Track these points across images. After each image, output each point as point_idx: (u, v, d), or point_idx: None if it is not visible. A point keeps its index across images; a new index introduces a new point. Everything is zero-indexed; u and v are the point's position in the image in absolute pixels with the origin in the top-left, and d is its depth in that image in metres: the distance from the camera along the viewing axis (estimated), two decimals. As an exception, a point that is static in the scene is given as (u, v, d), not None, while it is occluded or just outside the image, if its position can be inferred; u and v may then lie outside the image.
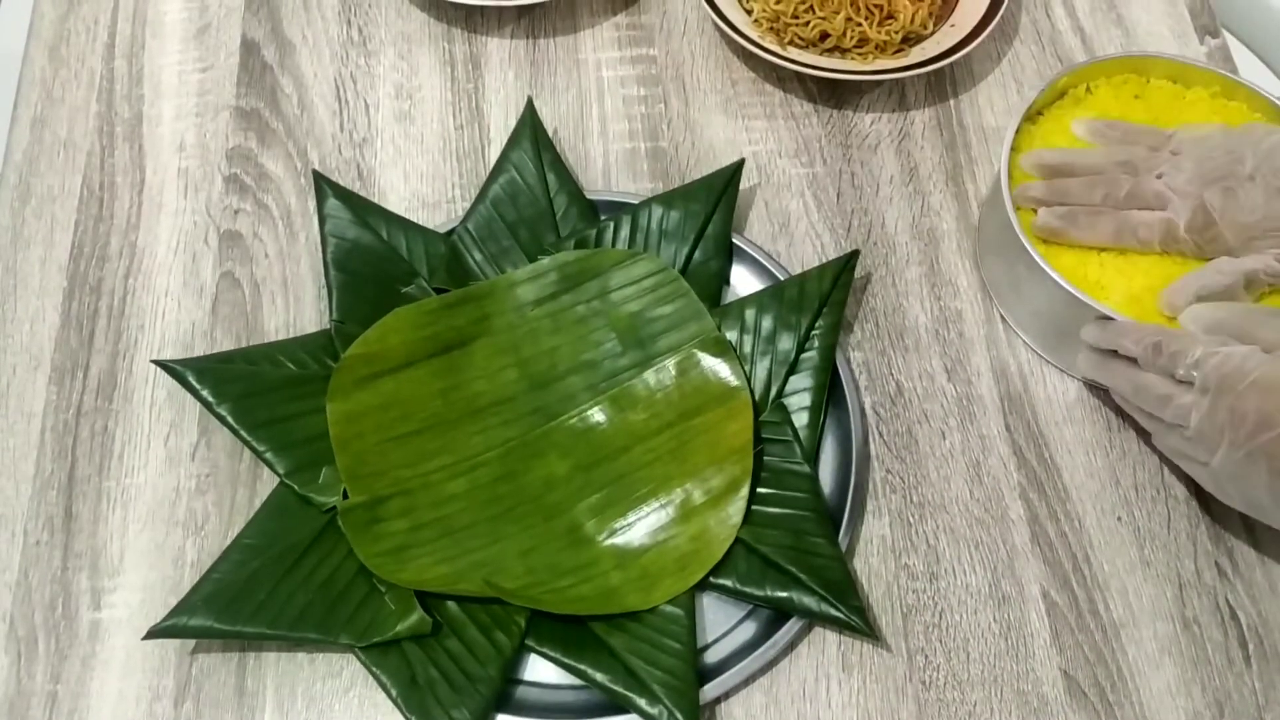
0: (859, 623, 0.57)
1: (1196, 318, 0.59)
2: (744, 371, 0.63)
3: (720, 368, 0.63)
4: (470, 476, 0.61)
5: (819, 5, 0.74)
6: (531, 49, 0.79)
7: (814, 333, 0.64)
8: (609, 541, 0.60)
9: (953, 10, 0.77)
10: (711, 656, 0.58)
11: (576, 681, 0.57)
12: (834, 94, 0.77)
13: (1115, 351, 0.61)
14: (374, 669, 0.56)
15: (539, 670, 0.58)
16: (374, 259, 0.67)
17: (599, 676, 0.56)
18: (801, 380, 0.64)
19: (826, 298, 0.65)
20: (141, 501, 0.63)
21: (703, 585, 0.59)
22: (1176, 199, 0.62)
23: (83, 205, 0.72)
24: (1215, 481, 0.58)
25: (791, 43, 0.76)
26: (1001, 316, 0.69)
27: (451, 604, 0.58)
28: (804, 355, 0.64)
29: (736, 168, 0.69)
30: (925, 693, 0.59)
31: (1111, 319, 0.60)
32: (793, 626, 0.58)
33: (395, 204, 0.72)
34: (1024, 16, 0.80)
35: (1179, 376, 0.57)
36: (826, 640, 0.60)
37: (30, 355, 0.67)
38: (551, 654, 0.57)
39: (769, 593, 0.58)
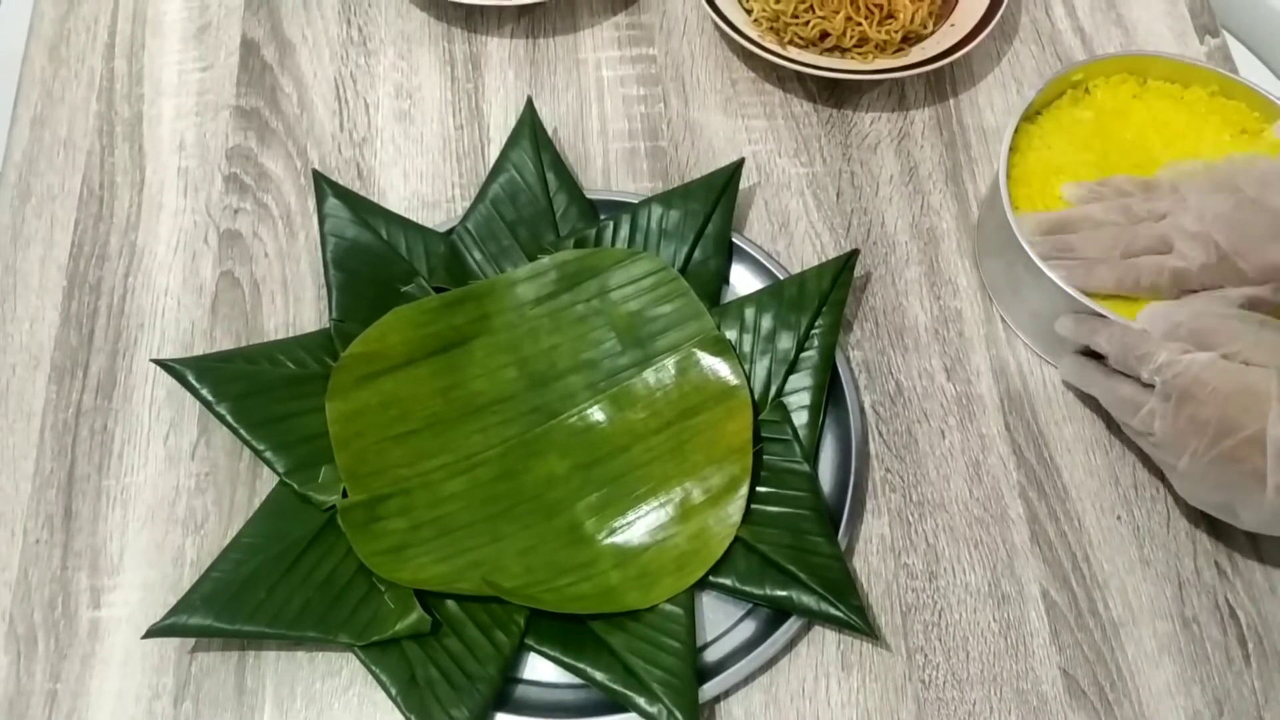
0: (858, 622, 0.57)
1: (1155, 318, 0.59)
2: (743, 370, 0.63)
3: (720, 367, 0.63)
4: (469, 475, 0.61)
5: (819, 5, 0.74)
6: (531, 49, 0.79)
7: (813, 332, 0.64)
8: (608, 540, 0.60)
9: (952, 10, 0.77)
10: (711, 655, 0.58)
11: (576, 680, 0.57)
12: (834, 93, 0.77)
13: (1091, 356, 0.62)
14: (373, 668, 0.56)
15: (538, 669, 0.58)
16: (373, 258, 0.67)
17: (598, 675, 0.56)
18: (801, 379, 0.64)
19: (826, 297, 0.65)
20: (141, 500, 0.63)
21: (702, 584, 0.59)
22: (1182, 241, 0.61)
23: (82, 204, 0.72)
24: (1184, 485, 0.58)
25: (791, 42, 0.76)
26: (1001, 316, 0.69)
27: (451, 603, 0.58)
28: (803, 354, 0.64)
29: (736, 167, 0.69)
30: (925, 691, 0.59)
31: (1105, 318, 0.60)
32: (792, 625, 0.58)
33: (395, 203, 0.72)
34: (1024, 16, 0.80)
35: (1144, 379, 0.58)
36: (826, 639, 0.60)
37: (30, 354, 0.67)
38: (551, 653, 0.57)
39: (768, 591, 0.58)
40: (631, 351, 0.65)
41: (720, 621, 0.60)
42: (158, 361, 0.64)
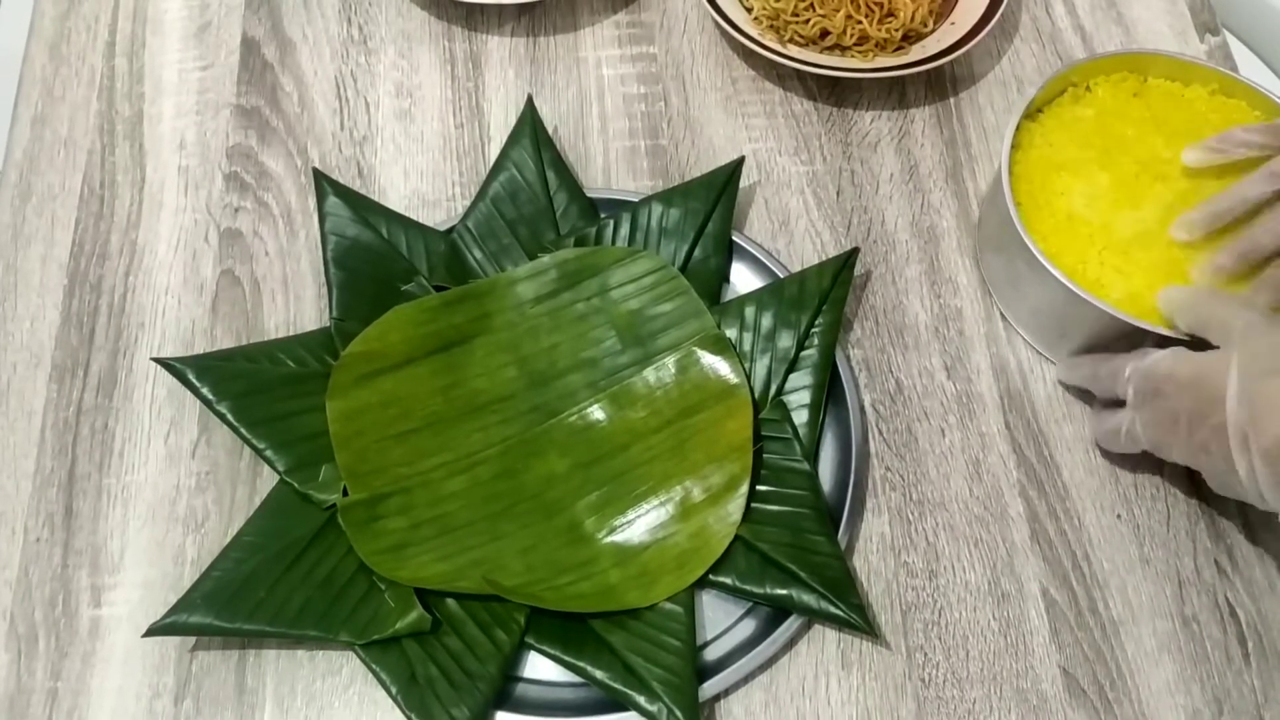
0: (858, 620, 0.57)
1: (1169, 300, 0.59)
2: (744, 369, 0.63)
3: (720, 365, 0.63)
4: (470, 474, 0.61)
5: (819, 3, 0.74)
6: (531, 47, 0.79)
7: (814, 330, 0.64)
8: (608, 539, 0.60)
9: (953, 8, 0.77)
10: (711, 654, 0.58)
11: (576, 679, 0.57)
12: (834, 92, 0.77)
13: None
14: (374, 666, 0.56)
15: (539, 668, 0.58)
16: (374, 257, 0.67)
17: (598, 674, 0.56)
18: (801, 378, 0.64)
19: (826, 295, 0.65)
20: (142, 499, 0.63)
21: (702, 583, 0.59)
22: None
23: (83, 203, 0.72)
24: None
25: (791, 40, 0.76)
26: (1001, 314, 0.69)
27: (451, 601, 0.58)
28: (804, 353, 0.64)
29: (736, 165, 0.69)
30: (925, 690, 0.59)
31: (1112, 316, 0.60)
32: (792, 624, 0.58)
33: (395, 202, 0.72)
34: (1024, 14, 0.80)
35: (1119, 396, 0.58)
36: (826, 638, 0.60)
37: (31, 353, 0.67)
38: (551, 651, 0.57)
39: (768, 590, 0.58)
40: (632, 350, 0.65)
41: (720, 620, 0.60)
42: (158, 360, 0.64)
